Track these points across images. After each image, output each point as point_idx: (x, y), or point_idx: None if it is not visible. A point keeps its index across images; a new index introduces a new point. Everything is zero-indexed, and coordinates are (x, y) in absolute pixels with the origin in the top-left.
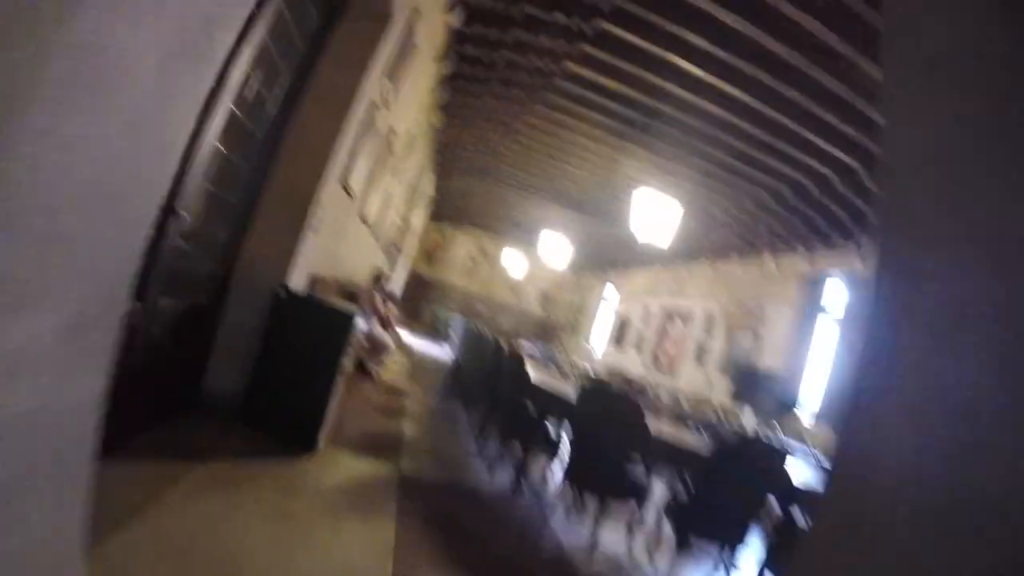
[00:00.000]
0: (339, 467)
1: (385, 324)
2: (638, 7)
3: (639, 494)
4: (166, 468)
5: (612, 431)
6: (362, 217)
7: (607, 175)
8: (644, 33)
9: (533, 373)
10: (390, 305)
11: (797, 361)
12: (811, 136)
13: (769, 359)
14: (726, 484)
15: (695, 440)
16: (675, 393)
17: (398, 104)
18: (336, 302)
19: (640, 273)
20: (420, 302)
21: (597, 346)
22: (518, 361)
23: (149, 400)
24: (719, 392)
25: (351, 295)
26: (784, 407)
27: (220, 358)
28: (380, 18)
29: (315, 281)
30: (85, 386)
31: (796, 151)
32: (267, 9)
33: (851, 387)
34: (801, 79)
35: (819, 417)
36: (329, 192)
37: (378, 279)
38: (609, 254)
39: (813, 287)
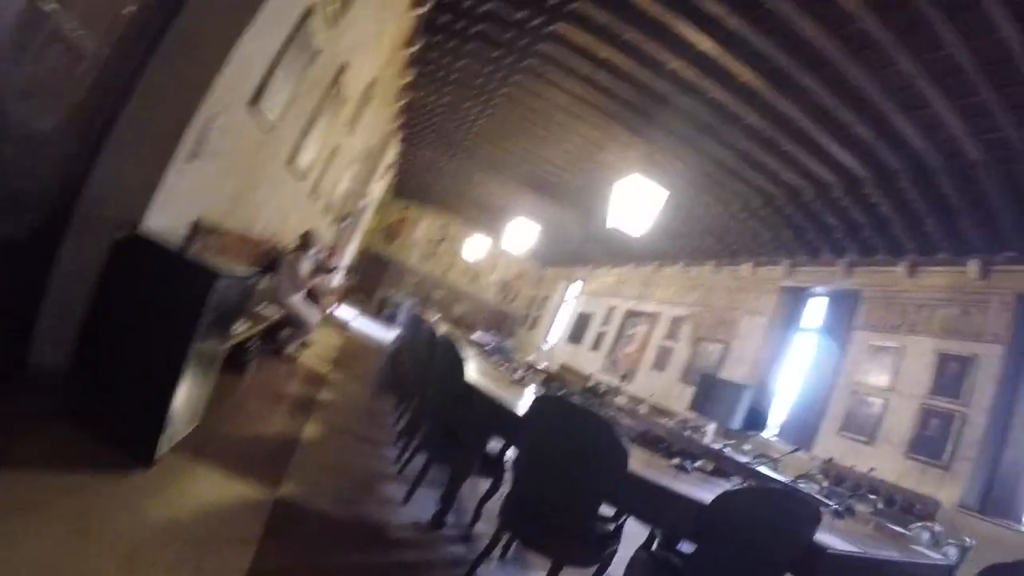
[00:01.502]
0: (183, 490)
1: (312, 297)
2: None
3: (604, 559)
4: None
5: (572, 462)
6: (291, 163)
7: (588, 161)
8: None
9: (473, 369)
10: (322, 277)
11: (767, 375)
12: (821, 136)
13: (737, 371)
14: (734, 549)
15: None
16: (633, 399)
17: (351, 34)
18: (205, 259)
19: (608, 272)
20: (374, 281)
21: (554, 342)
22: (451, 350)
23: None
24: (679, 401)
25: (270, 258)
26: (750, 422)
27: (51, 316)
28: None
29: (204, 231)
30: None
31: (802, 152)
32: None
33: None
34: (823, 65)
35: (781, 435)
36: (229, 114)
37: (305, 243)
38: (577, 249)
39: (793, 301)
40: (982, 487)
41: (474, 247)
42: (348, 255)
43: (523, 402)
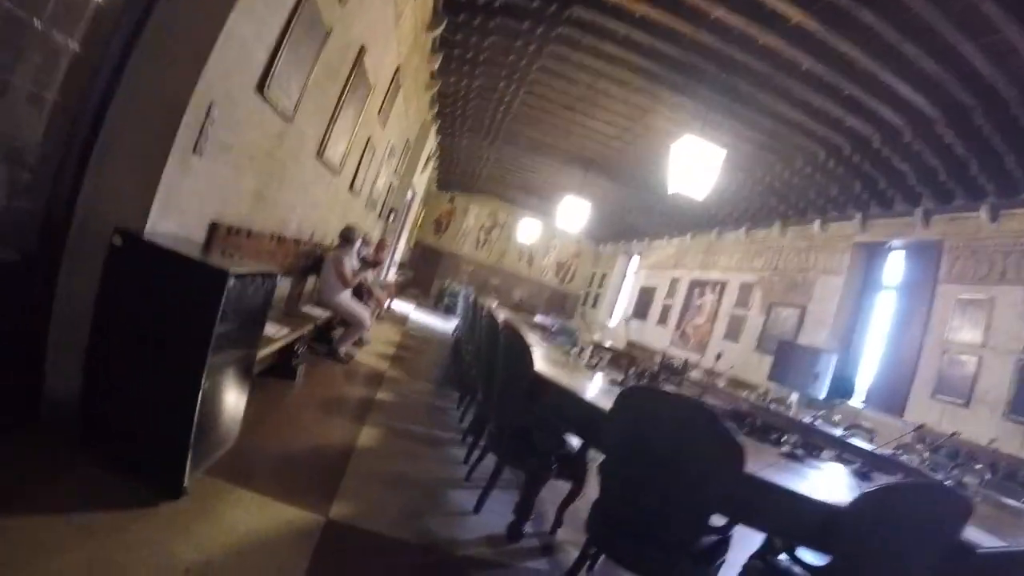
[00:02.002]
0: (217, 520)
1: (362, 294)
2: None
3: (711, 573)
4: None
5: (672, 464)
6: (320, 156)
7: (636, 130)
8: None
9: (540, 356)
10: (371, 272)
11: (849, 340)
12: (885, 75)
13: (816, 336)
14: (875, 557)
15: (801, 473)
16: (709, 373)
17: (365, 15)
18: (215, 260)
19: (666, 244)
20: (428, 274)
21: (619, 319)
22: (515, 337)
23: None
24: (757, 372)
25: (311, 258)
26: (836, 390)
27: (58, 345)
28: None
29: (225, 233)
30: None
31: (865, 95)
32: None
33: None
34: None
35: (869, 402)
36: (234, 103)
37: (347, 238)
38: (633, 223)
39: (869, 258)
40: None
41: (527, 230)
42: (399, 250)
43: (598, 389)
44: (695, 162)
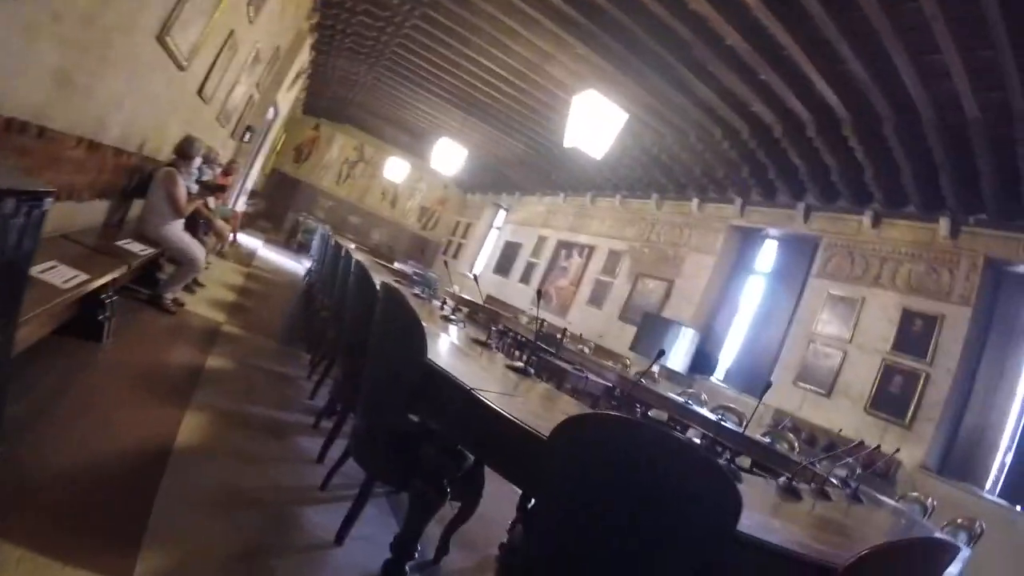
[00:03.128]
0: None
1: (197, 226)
2: None
3: None
4: None
5: (647, 524)
6: (164, 36)
7: (531, 78)
8: None
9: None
10: (212, 199)
11: (714, 319)
12: (809, 69)
13: (682, 311)
14: None
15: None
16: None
17: None
18: None
19: (538, 201)
20: (282, 206)
21: (479, 272)
22: (401, 309)
23: None
24: (618, 341)
25: (137, 176)
26: (697, 365)
27: None
28: None
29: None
30: None
31: (782, 84)
32: None
33: None
34: None
35: (728, 380)
36: None
37: (184, 154)
38: (507, 175)
39: (744, 242)
40: (942, 449)
41: (394, 169)
42: (252, 176)
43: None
44: (595, 119)
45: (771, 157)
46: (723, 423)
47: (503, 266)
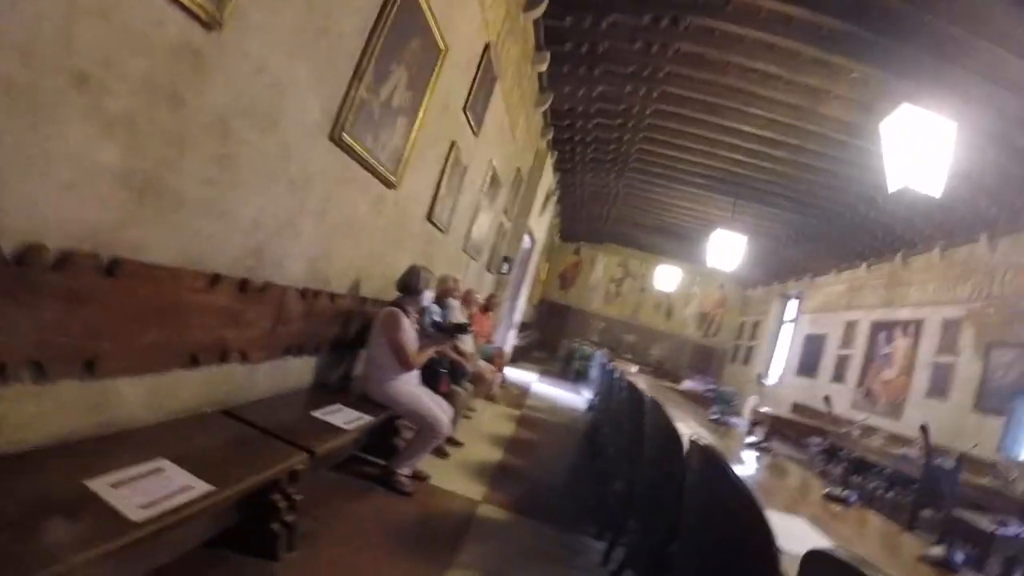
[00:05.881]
0: None
1: (444, 376)
2: None
3: None
4: None
5: None
6: (336, 141)
7: (802, 128)
8: None
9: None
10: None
11: None
12: None
13: None
14: None
15: None
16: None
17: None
18: None
19: (834, 279)
20: (554, 334)
21: (778, 376)
22: (737, 492)
23: None
24: (976, 439)
25: (364, 318)
26: None
27: None
28: None
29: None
30: None
31: None
32: None
33: None
34: None
35: None
36: None
37: (410, 286)
38: (790, 258)
39: None
40: None
41: (664, 278)
42: (518, 309)
43: None
44: (918, 144)
45: None
46: None
47: (807, 365)
